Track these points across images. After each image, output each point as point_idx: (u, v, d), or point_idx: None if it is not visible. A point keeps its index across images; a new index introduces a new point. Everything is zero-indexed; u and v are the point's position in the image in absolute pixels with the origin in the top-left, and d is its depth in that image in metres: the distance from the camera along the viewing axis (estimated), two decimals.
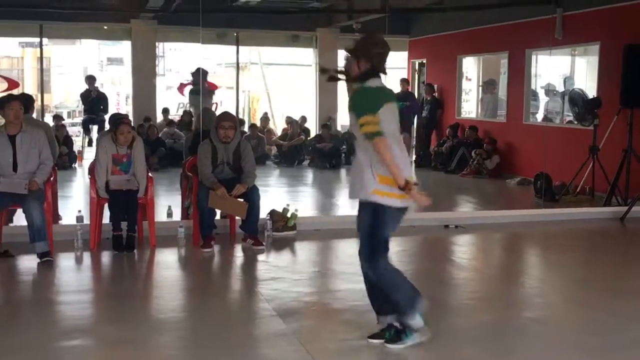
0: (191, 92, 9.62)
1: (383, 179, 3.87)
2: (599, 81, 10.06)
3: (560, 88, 12.39)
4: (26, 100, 6.82)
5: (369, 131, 3.81)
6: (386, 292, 3.99)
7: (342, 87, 4.25)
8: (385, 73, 4.02)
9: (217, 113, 8.70)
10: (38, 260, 5.81)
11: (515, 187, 11.07)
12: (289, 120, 14.39)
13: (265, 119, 15.15)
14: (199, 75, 9.59)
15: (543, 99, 12.49)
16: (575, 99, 9.70)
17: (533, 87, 11.94)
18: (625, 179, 8.76)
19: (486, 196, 10.51)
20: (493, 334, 4.42)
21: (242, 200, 6.42)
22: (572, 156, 9.84)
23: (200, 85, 9.65)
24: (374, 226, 3.94)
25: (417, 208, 3.96)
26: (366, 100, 3.93)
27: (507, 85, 12.32)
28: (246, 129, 13.92)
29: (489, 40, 12.60)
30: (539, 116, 12.36)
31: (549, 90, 12.18)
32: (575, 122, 10.08)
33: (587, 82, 11.38)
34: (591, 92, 10.02)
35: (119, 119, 6.59)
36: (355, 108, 3.92)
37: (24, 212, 5.87)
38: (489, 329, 4.51)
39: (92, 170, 6.54)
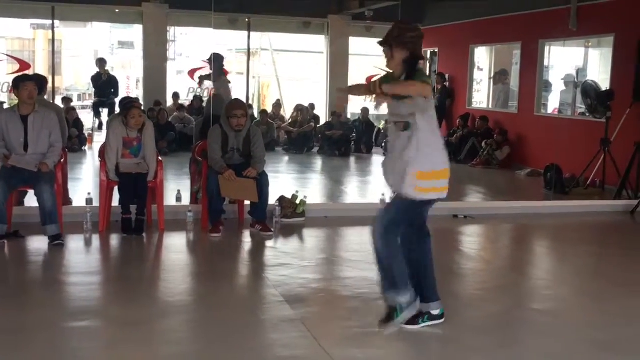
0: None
1: (423, 175, 3.89)
2: (612, 73, 9.98)
3: (573, 79, 12.31)
4: (40, 81, 6.83)
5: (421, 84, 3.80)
6: (386, 264, 3.99)
7: (353, 75, 4.24)
8: (422, 59, 4.00)
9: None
10: (49, 242, 5.84)
11: (525, 179, 11.03)
12: (299, 108, 14.37)
13: (277, 105, 15.14)
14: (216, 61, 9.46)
15: (555, 90, 12.41)
16: (588, 90, 9.63)
17: (545, 78, 11.87)
18: (637, 173, 8.71)
19: (496, 187, 10.48)
20: (501, 325, 4.41)
21: (250, 179, 6.40)
22: (583, 148, 9.79)
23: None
24: (403, 209, 3.98)
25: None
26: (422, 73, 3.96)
27: (519, 76, 12.25)
28: (256, 115, 13.92)
29: (502, 30, 12.52)
30: (552, 108, 12.30)
31: (568, 82, 12.07)
32: (588, 114, 10.02)
33: (600, 74, 11.30)
34: (604, 84, 9.95)
35: (129, 103, 6.60)
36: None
37: (35, 194, 5.89)
38: (497, 320, 4.51)
39: (102, 153, 6.55)
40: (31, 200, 6.24)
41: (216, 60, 9.31)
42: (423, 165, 3.91)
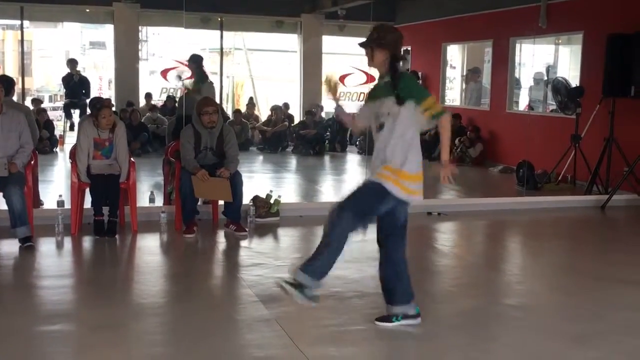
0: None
1: (390, 169, 3.93)
2: (581, 70, 10.11)
3: (543, 77, 12.44)
4: (7, 83, 6.72)
5: (437, 111, 3.88)
6: (328, 243, 4.06)
7: (326, 73, 4.26)
8: (403, 59, 4.03)
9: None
10: (20, 245, 5.76)
11: (498, 175, 11.13)
12: (274, 107, 14.36)
13: (251, 104, 15.10)
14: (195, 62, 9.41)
15: (525, 87, 12.53)
16: (559, 87, 9.74)
17: (517, 75, 11.98)
18: (607, 168, 8.83)
19: (469, 184, 10.54)
20: (475, 321, 4.44)
21: (223, 178, 6.37)
22: (554, 144, 9.90)
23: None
24: (370, 197, 3.98)
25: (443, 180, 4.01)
26: (416, 85, 4.06)
27: (490, 73, 12.35)
28: (230, 114, 13.87)
29: (474, 28, 12.61)
30: (523, 105, 12.41)
31: (540, 80, 12.19)
32: (558, 111, 10.13)
33: (570, 71, 11.44)
34: (574, 81, 10.07)
35: (100, 103, 6.52)
36: (411, 94, 3.89)
37: (4, 197, 5.80)
38: (471, 316, 4.54)
39: (73, 154, 6.47)
40: (0, 203, 6.14)
41: (195, 61, 9.26)
42: (396, 162, 3.93)
